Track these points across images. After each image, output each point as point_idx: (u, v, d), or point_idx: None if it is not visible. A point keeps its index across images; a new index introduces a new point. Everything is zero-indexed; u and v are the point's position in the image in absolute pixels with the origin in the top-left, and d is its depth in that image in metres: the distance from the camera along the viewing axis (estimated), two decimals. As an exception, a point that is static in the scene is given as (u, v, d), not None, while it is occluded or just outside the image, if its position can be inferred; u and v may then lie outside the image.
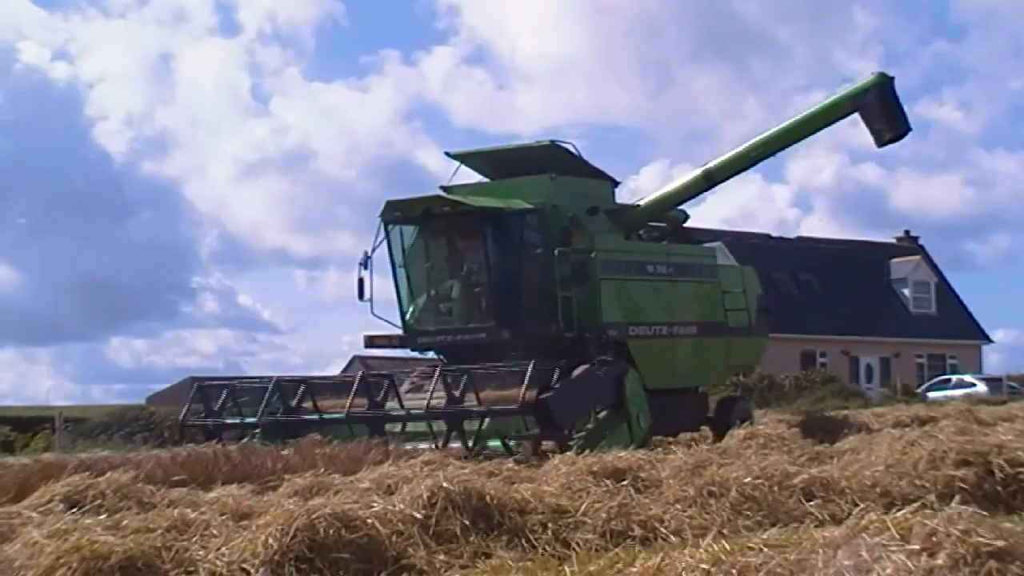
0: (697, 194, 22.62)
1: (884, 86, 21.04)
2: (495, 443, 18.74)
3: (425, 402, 17.78)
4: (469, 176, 22.00)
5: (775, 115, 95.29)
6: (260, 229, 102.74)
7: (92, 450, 18.85)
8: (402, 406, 18.20)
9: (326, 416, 18.39)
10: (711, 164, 22.03)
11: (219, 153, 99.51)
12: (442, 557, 8.97)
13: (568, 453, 13.71)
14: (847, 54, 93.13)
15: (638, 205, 22.37)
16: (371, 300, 20.43)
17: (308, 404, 18.98)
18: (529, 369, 17.08)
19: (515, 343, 19.27)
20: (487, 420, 17.83)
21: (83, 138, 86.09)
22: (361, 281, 20.29)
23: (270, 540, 8.36)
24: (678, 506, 10.46)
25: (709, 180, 22.08)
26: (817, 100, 22.79)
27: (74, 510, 10.43)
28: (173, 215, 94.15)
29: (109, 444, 24.54)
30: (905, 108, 21.45)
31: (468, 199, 20.46)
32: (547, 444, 17.63)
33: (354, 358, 34.82)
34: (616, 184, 22.16)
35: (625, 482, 11.12)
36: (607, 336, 20.15)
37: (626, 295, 20.86)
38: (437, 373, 18.18)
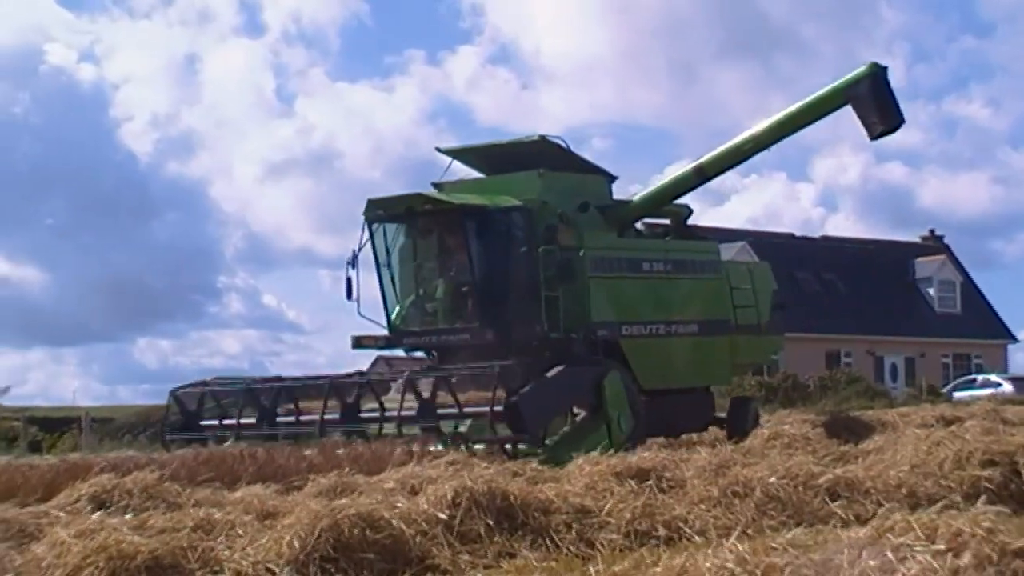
0: (689, 189, 21.71)
1: (877, 76, 20.23)
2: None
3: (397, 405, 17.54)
4: (464, 172, 21.69)
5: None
6: (285, 229, 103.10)
7: (118, 450, 18.94)
8: (381, 408, 17.88)
9: (302, 419, 18.21)
10: (703, 159, 21.30)
11: (244, 153, 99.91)
12: (466, 557, 8.98)
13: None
14: (873, 51, 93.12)
15: (631, 201, 21.71)
16: (358, 300, 20.08)
17: (290, 406, 18.79)
18: (497, 371, 16.77)
19: (499, 344, 18.94)
20: (468, 422, 17.69)
21: (109, 139, 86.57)
22: (349, 281, 19.95)
23: (295, 540, 8.39)
24: (702, 506, 10.45)
25: (701, 175, 21.36)
26: None
27: (101, 510, 10.47)
28: (198, 215, 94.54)
29: (135, 444, 24.66)
30: (929, 104, 21.20)
31: (450, 197, 20.06)
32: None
33: (378, 358, 34.65)
34: (613, 179, 21.68)
35: (649, 482, 11.09)
36: (596, 336, 19.65)
37: (618, 294, 20.31)
38: (403, 377, 17.92)
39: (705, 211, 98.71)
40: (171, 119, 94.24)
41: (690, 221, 23.40)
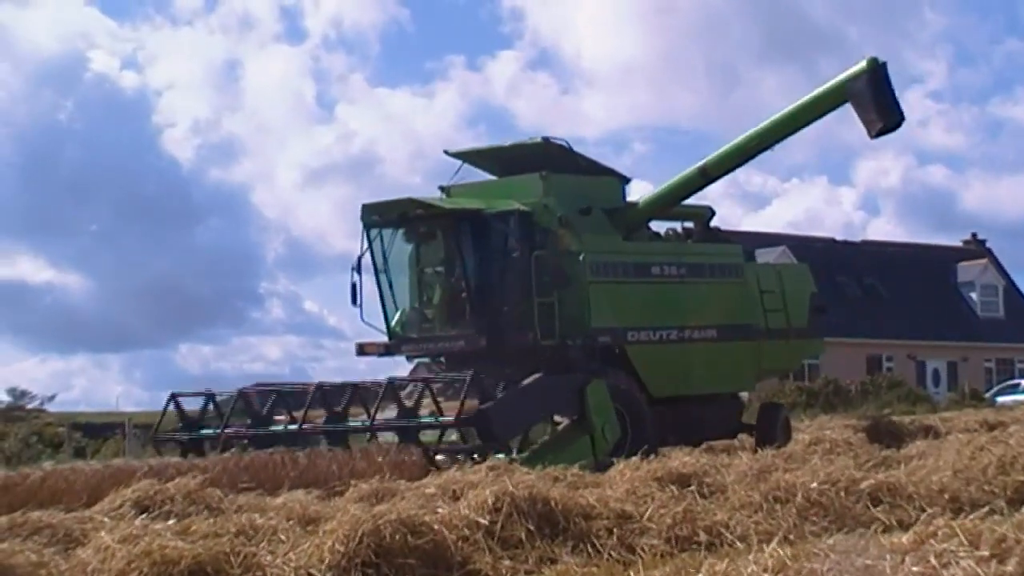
0: (695, 191, 20.94)
1: (876, 72, 19.41)
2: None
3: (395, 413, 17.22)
4: (474, 176, 21.16)
5: (844, 115, 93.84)
6: (326, 235, 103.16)
7: (161, 456, 19.01)
8: (370, 416, 17.41)
9: (290, 428, 17.80)
10: (707, 160, 20.63)
11: (285, 159, 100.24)
12: (508, 562, 8.98)
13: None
14: (917, 53, 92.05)
15: (636, 204, 21.04)
16: (361, 306, 19.72)
17: (282, 415, 18.35)
18: (468, 379, 16.46)
19: (494, 351, 18.59)
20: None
21: (152, 145, 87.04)
22: (354, 287, 19.59)
23: (337, 545, 8.42)
24: (743, 512, 10.40)
25: (705, 176, 20.66)
26: None
27: (144, 515, 10.54)
28: (240, 221, 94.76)
29: (176, 451, 24.75)
30: (973, 107, 20.72)
31: (442, 201, 19.75)
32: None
33: (418, 363, 34.71)
34: (626, 181, 21.13)
35: (690, 487, 11.08)
36: (597, 343, 19.14)
37: (623, 299, 19.64)
38: (384, 388, 17.58)
39: (746, 215, 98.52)
40: (212, 125, 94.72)
41: (733, 225, 23.19)
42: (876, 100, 19.37)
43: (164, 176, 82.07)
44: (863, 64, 19.48)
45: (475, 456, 16.17)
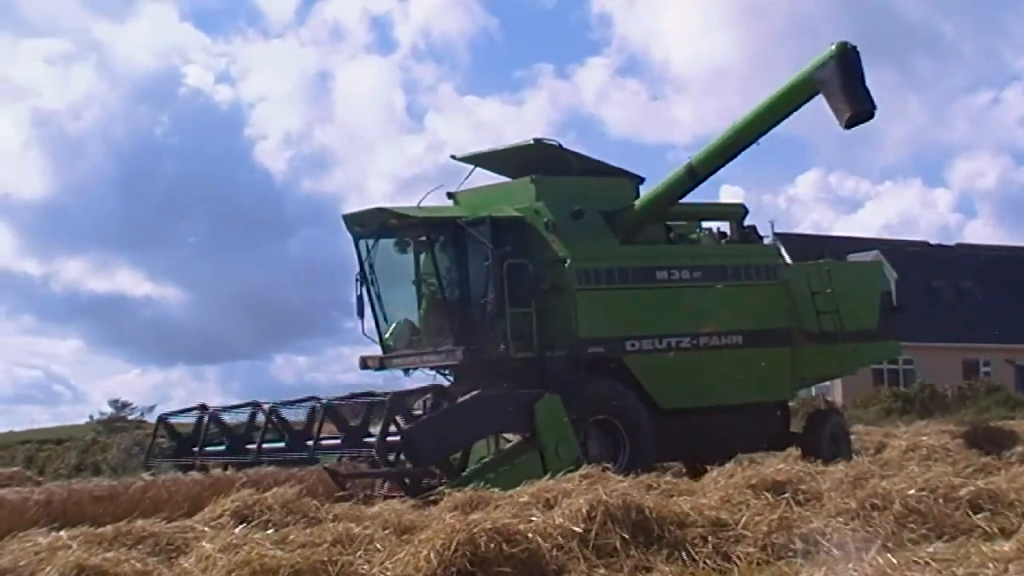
0: (687, 190, 19.46)
1: (844, 58, 17.92)
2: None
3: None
4: (486, 179, 20.56)
5: (939, 115, 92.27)
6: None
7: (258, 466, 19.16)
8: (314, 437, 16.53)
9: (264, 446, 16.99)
10: (693, 158, 19.32)
11: (376, 169, 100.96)
12: (602, 571, 8.95)
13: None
14: (1016, 51, 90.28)
15: (632, 206, 19.54)
16: (363, 318, 19.19)
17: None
18: (388, 401, 15.71)
19: (472, 366, 18.03)
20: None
21: (246, 158, 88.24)
22: (359, 299, 19.09)
23: (432, 554, 8.45)
24: (840, 519, 10.26)
25: (693, 175, 19.19)
26: (984, 100, 21.18)
27: (243, 524, 10.68)
28: (333, 232, 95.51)
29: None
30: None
31: (412, 210, 18.85)
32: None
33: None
34: (640, 181, 19.92)
35: (785, 495, 10.96)
36: (585, 354, 18.08)
37: (619, 306, 18.57)
38: (321, 407, 16.79)
39: (838, 219, 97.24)
40: (304, 137, 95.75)
41: (824, 230, 22.37)
42: (845, 87, 18.02)
43: (258, 188, 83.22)
44: (832, 48, 18.06)
45: (406, 480, 15.26)
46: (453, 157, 20.98)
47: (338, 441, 16.28)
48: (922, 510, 10.40)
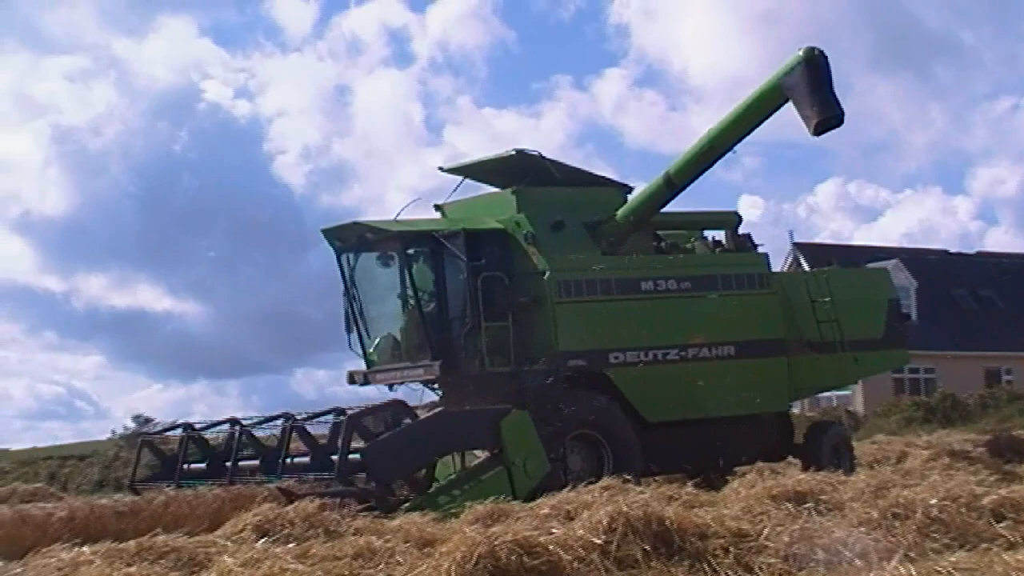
0: (665, 200, 19.06)
1: (812, 63, 17.46)
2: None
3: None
4: (474, 190, 20.38)
5: (961, 123, 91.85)
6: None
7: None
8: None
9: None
10: (671, 167, 18.92)
11: (394, 182, 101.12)
12: (623, 583, 8.93)
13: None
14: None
15: (614, 217, 19.15)
16: (348, 332, 19.10)
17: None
18: (344, 420, 15.36)
19: (447, 380, 17.96)
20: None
21: (264, 172, 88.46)
22: (347, 312, 19.01)
23: (453, 567, 8.43)
24: (862, 529, 10.22)
25: (671, 185, 18.76)
26: (1005, 107, 20.95)
27: (265, 539, 10.68)
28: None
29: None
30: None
31: (387, 224, 18.63)
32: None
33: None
34: (628, 191, 19.56)
35: (807, 505, 10.93)
36: (566, 367, 17.78)
37: (601, 318, 18.23)
38: (289, 425, 16.30)
39: (858, 228, 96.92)
40: (323, 151, 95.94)
41: (844, 239, 22.06)
42: (812, 93, 17.55)
43: (277, 202, 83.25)
44: (799, 54, 17.60)
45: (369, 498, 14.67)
46: (441, 169, 20.84)
47: (307, 460, 15.95)
48: (944, 519, 10.34)
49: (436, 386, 18.70)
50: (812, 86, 17.49)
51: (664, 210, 19.62)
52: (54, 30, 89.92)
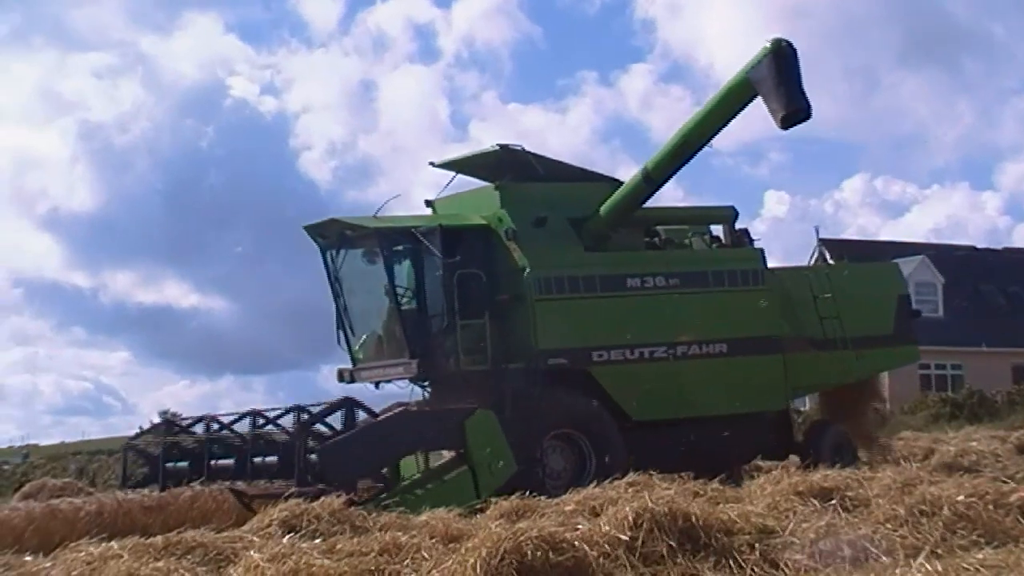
0: (645, 196, 18.76)
1: (779, 55, 17.13)
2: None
3: None
4: (468, 184, 20.05)
5: (990, 118, 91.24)
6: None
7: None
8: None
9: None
10: (647, 164, 18.54)
11: (420, 178, 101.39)
12: (649, 579, 8.93)
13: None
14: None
15: (598, 213, 18.73)
16: (337, 330, 18.89)
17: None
18: (296, 428, 15.30)
19: (426, 378, 17.90)
20: None
21: (290, 168, 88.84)
22: (337, 310, 18.84)
23: (478, 563, 8.43)
24: (888, 525, 10.18)
25: (650, 180, 18.46)
26: None
27: (291, 534, 10.72)
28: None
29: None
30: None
31: (365, 220, 18.32)
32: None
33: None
34: (619, 185, 19.00)
35: (832, 501, 10.90)
36: (545, 366, 17.44)
37: (584, 316, 17.91)
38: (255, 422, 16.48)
39: (885, 224, 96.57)
40: (348, 147, 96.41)
41: (871, 235, 21.75)
42: (779, 86, 17.20)
43: (303, 198, 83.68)
44: (766, 46, 17.26)
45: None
46: (431, 164, 20.61)
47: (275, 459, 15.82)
48: (971, 516, 10.29)
49: (426, 385, 18.49)
50: (779, 79, 17.18)
51: (660, 205, 19.57)
52: (81, 27, 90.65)
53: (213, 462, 16.51)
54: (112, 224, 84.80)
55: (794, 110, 17.26)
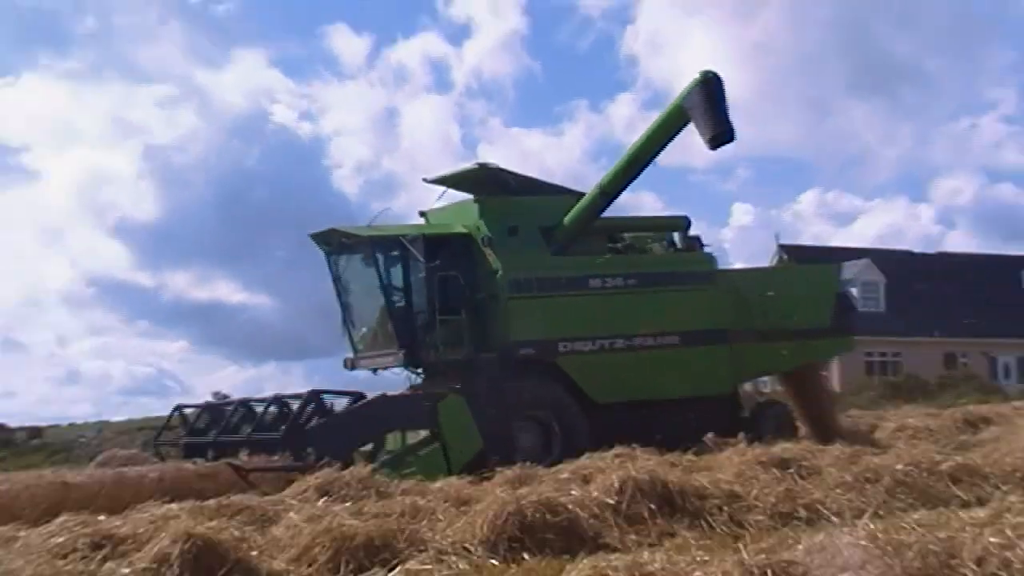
0: (601, 208, 18.55)
1: (708, 84, 17.03)
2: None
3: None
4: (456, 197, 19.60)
5: (926, 140, 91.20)
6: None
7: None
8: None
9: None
10: (602, 179, 18.52)
11: (435, 193, 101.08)
12: (633, 537, 8.93)
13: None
14: (991, 83, 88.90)
15: (563, 222, 18.51)
16: (341, 324, 18.78)
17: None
18: (307, 394, 15.33)
19: (414, 366, 17.78)
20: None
21: (324, 184, 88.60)
22: (342, 307, 18.72)
23: (485, 524, 8.46)
24: (838, 490, 10.19)
25: (605, 194, 18.35)
26: (963, 126, 20.48)
27: (325, 498, 10.71)
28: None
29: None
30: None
31: (359, 229, 18.25)
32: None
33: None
34: (580, 198, 18.79)
35: (790, 470, 10.89)
36: (517, 355, 17.32)
37: (551, 312, 17.74)
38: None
39: (835, 232, 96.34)
40: (374, 165, 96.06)
41: (823, 241, 21.32)
42: (707, 112, 16.98)
43: (335, 210, 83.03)
44: (696, 77, 17.18)
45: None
46: (424, 180, 20.31)
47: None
48: (909, 482, 10.31)
49: (421, 371, 18.33)
50: (706, 105, 17.01)
51: (622, 215, 19.61)
52: (145, 63, 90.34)
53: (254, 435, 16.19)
54: (171, 232, 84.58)
55: (720, 132, 17.10)
